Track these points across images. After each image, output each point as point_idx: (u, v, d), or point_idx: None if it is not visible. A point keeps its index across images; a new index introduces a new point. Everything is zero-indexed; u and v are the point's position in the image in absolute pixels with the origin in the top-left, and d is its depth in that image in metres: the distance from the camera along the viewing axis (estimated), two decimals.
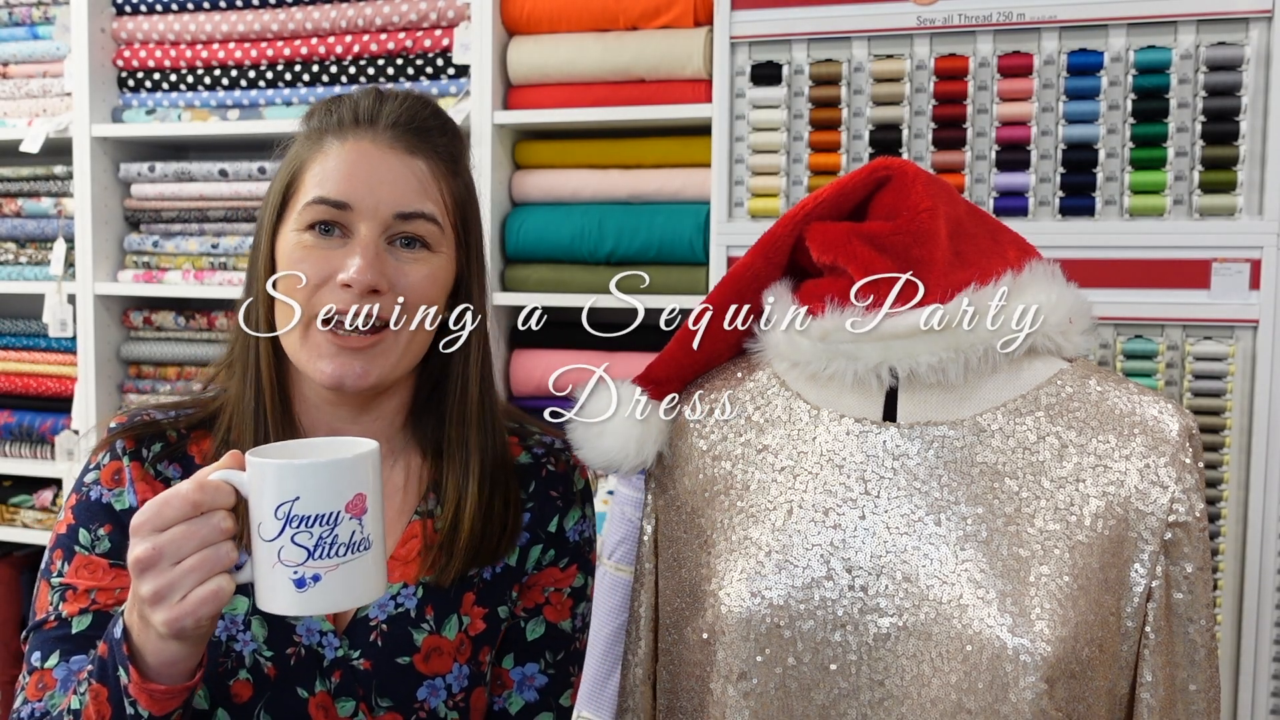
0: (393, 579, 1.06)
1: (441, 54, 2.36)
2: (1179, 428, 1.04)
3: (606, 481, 2.17)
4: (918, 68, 1.98)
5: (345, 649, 1.04)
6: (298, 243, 1.04)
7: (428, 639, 1.05)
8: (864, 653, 1.00)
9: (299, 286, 1.03)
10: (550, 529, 1.14)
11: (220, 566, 0.85)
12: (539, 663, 1.14)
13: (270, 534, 0.85)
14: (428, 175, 1.07)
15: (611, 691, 1.50)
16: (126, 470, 1.07)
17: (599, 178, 2.30)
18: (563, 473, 1.17)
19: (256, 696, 1.02)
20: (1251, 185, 1.84)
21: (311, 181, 1.05)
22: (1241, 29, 1.83)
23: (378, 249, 1.03)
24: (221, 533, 0.85)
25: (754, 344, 1.16)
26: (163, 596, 0.85)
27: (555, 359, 2.34)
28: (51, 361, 2.69)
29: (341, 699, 1.03)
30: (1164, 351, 1.87)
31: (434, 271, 1.07)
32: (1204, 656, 1.04)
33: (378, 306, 1.03)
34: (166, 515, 0.85)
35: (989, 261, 1.08)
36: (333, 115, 1.08)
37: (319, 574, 0.85)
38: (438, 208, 1.07)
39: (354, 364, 1.03)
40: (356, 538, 0.86)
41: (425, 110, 1.10)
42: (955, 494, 1.02)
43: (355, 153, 1.05)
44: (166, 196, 2.59)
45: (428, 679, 1.05)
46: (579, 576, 1.17)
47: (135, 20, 2.57)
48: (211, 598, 0.84)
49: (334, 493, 0.85)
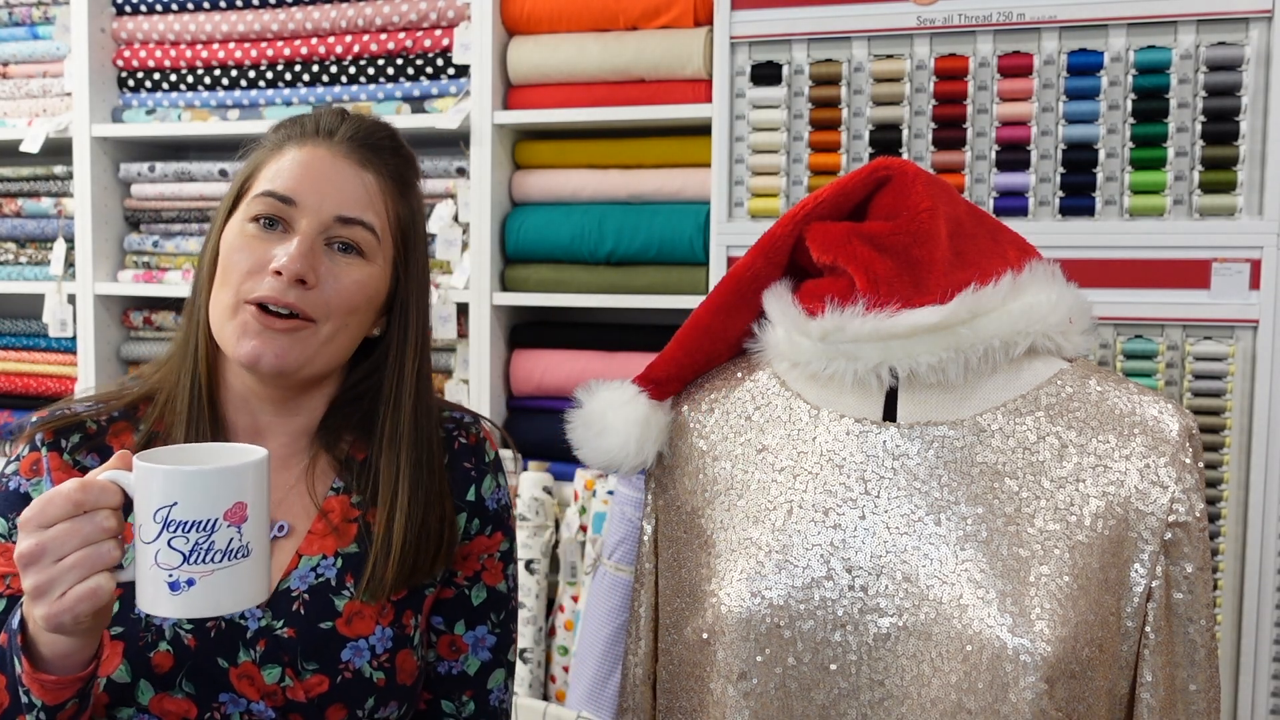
0: (311, 551, 1.11)
1: (441, 54, 2.36)
2: (1179, 428, 1.04)
3: (606, 481, 2.17)
4: (918, 68, 1.98)
5: (268, 619, 1.07)
6: (240, 231, 1.10)
7: (349, 604, 1.09)
8: (864, 653, 1.00)
9: (234, 271, 1.08)
10: (469, 498, 1.18)
11: (100, 565, 0.87)
12: (487, 624, 1.19)
13: (149, 536, 0.87)
14: (375, 189, 1.13)
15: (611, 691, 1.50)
16: (45, 460, 1.10)
17: (599, 178, 2.30)
18: (473, 445, 1.21)
19: (177, 666, 1.05)
20: (1251, 185, 1.84)
21: (264, 178, 1.12)
22: (1241, 29, 1.83)
23: (313, 244, 1.08)
24: (103, 531, 0.87)
25: (754, 344, 1.16)
26: (43, 592, 0.86)
27: (555, 359, 2.34)
28: (51, 361, 2.69)
29: (268, 666, 1.06)
30: (1164, 351, 1.87)
31: (364, 279, 1.11)
32: (1204, 656, 1.04)
33: (303, 298, 1.07)
34: (50, 513, 0.87)
35: (989, 261, 1.08)
36: (297, 126, 1.16)
37: (193, 578, 0.87)
38: (379, 220, 1.12)
39: (274, 344, 1.07)
40: (234, 545, 0.88)
41: (382, 132, 1.17)
42: (955, 494, 1.02)
43: (310, 156, 1.12)
44: (166, 196, 2.59)
45: (351, 641, 1.08)
46: (504, 541, 1.21)
47: (135, 20, 2.57)
48: (89, 595, 0.86)
49: (212, 500, 0.87)
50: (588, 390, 1.19)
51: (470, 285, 2.33)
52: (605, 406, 1.16)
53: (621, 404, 1.16)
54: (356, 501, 1.14)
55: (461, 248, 2.36)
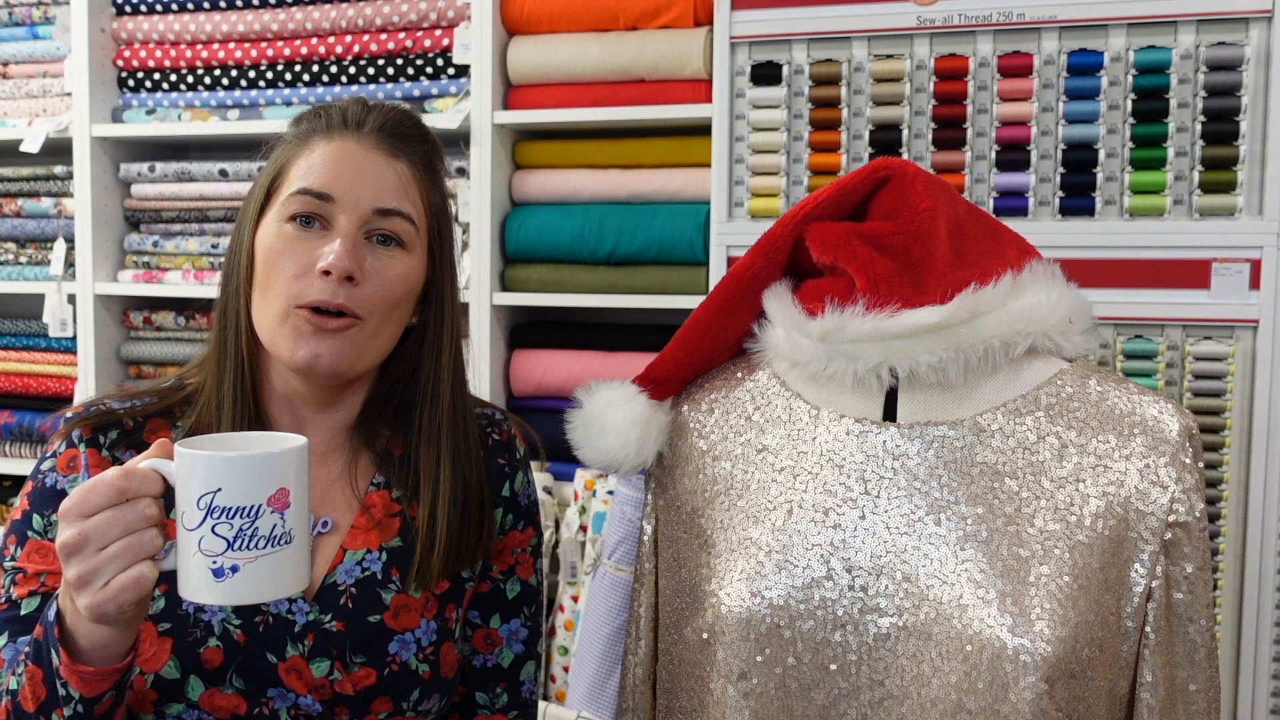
0: (356, 546, 1.11)
1: (441, 54, 2.36)
2: (1179, 428, 1.04)
3: (606, 481, 2.17)
4: (918, 68, 1.98)
5: (316, 613, 1.08)
6: (279, 234, 1.08)
7: (395, 597, 1.10)
8: (864, 653, 1.00)
9: (279, 275, 1.07)
10: (504, 494, 1.19)
11: (143, 553, 0.87)
12: (520, 617, 1.21)
13: (192, 523, 0.87)
14: (408, 177, 1.12)
15: (611, 691, 1.50)
16: (83, 457, 1.10)
17: (599, 178, 2.30)
18: (505, 441, 1.22)
19: (227, 661, 1.05)
20: (1251, 185, 1.84)
21: (296, 175, 1.10)
22: (1241, 29, 1.83)
23: (356, 240, 1.08)
24: (146, 520, 0.87)
25: (754, 344, 1.16)
26: (86, 581, 0.86)
27: (555, 359, 2.34)
28: (51, 361, 2.69)
29: (316, 659, 1.07)
30: (1164, 351, 1.87)
31: (406, 271, 1.11)
32: (1204, 656, 1.04)
33: (351, 297, 1.07)
34: (93, 501, 0.86)
35: (989, 261, 1.08)
36: (320, 119, 1.14)
37: (237, 565, 0.87)
38: (415, 209, 1.12)
39: (325, 346, 1.06)
40: (278, 531, 0.88)
41: (408, 120, 1.16)
42: (955, 494, 1.02)
43: (340, 150, 1.10)
44: (166, 196, 2.59)
45: (398, 634, 1.09)
46: (535, 536, 1.23)
47: (135, 20, 2.57)
48: (133, 584, 0.86)
49: (256, 486, 0.87)
50: (588, 390, 1.19)
51: (470, 285, 2.33)
52: (605, 406, 1.17)
53: (621, 404, 1.16)
54: (397, 496, 1.14)
55: (461, 248, 2.36)
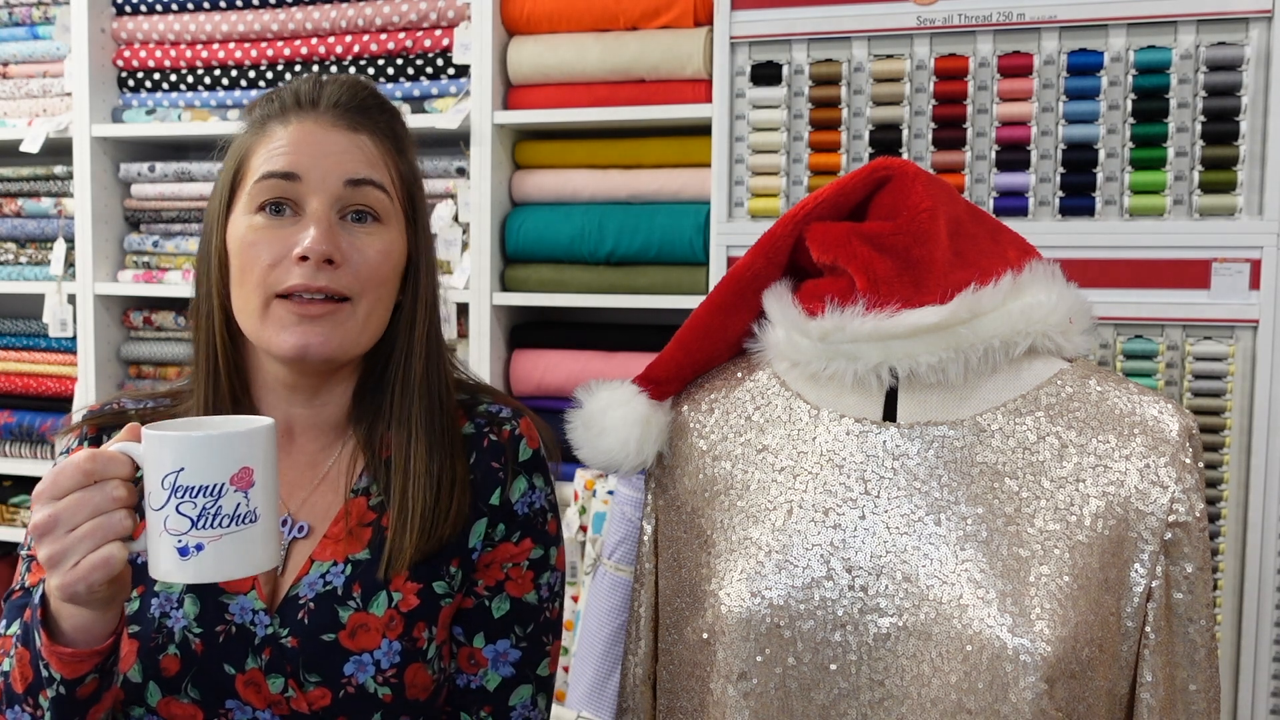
0: (324, 557, 1.08)
1: (441, 54, 2.36)
2: (1179, 428, 1.04)
3: (606, 481, 2.17)
4: (918, 68, 1.98)
5: (275, 627, 1.05)
6: (249, 225, 1.06)
7: (354, 615, 1.05)
8: (864, 653, 1.00)
9: (254, 267, 1.05)
10: (493, 502, 1.12)
11: (112, 534, 0.88)
12: (510, 638, 1.12)
13: (158, 503, 0.88)
14: (373, 149, 1.09)
15: (611, 691, 1.50)
16: None
17: (599, 178, 2.30)
18: (504, 442, 1.14)
19: (183, 670, 1.05)
20: (1251, 185, 1.84)
21: (257, 163, 1.07)
22: (1241, 29, 1.83)
23: (330, 221, 1.05)
24: (114, 501, 0.88)
25: (754, 344, 1.16)
26: (57, 561, 0.88)
27: (555, 359, 2.34)
28: (51, 361, 2.69)
29: (272, 675, 1.05)
30: (1164, 351, 1.87)
31: (387, 247, 1.08)
32: (1204, 656, 1.04)
33: (334, 279, 1.04)
34: (62, 484, 0.88)
35: (989, 261, 1.08)
36: (274, 103, 1.11)
37: (202, 543, 0.88)
38: (386, 179, 1.09)
39: (316, 331, 1.04)
40: (241, 510, 0.89)
41: (364, 91, 1.12)
42: (955, 494, 1.02)
43: (299, 131, 1.07)
44: (166, 196, 2.59)
45: (354, 655, 1.04)
46: (535, 549, 1.14)
47: (135, 20, 2.57)
48: (102, 564, 0.87)
49: (219, 465, 0.88)
50: (587, 390, 1.19)
51: (470, 285, 2.33)
52: (605, 406, 1.16)
53: (621, 404, 1.16)
54: (374, 503, 1.10)
55: (461, 248, 2.36)
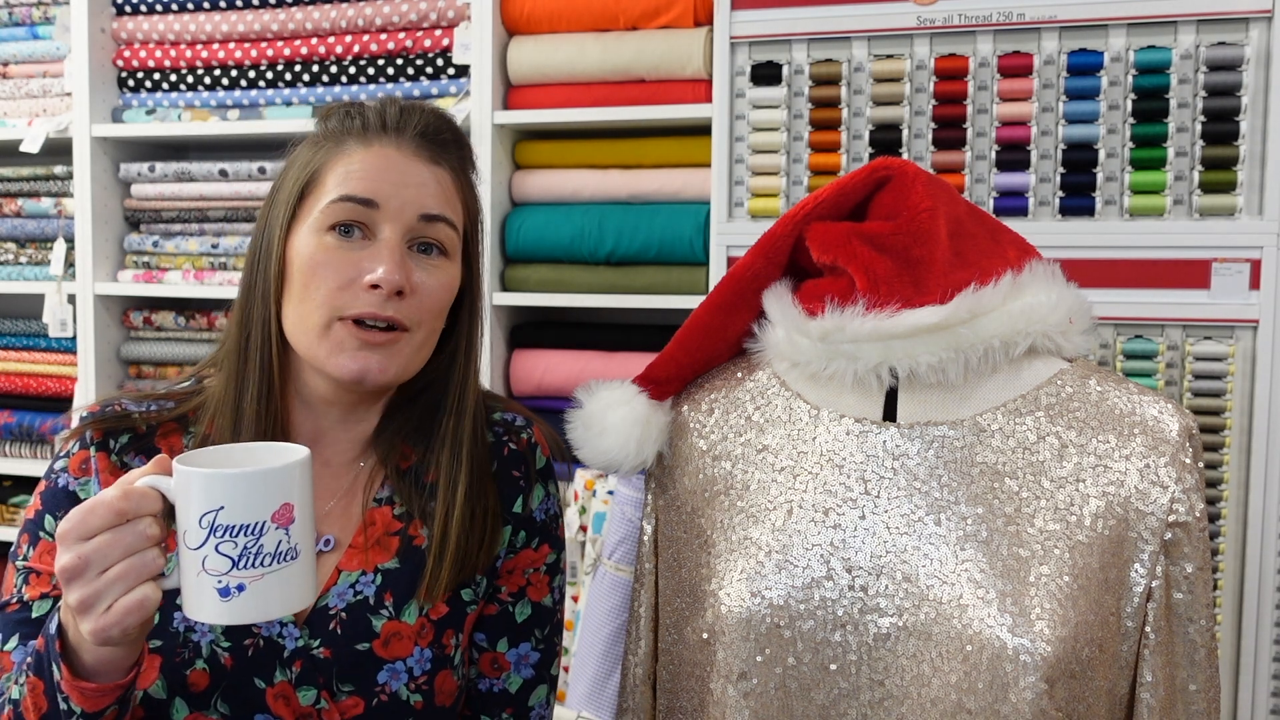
0: (351, 567, 1.08)
1: (441, 54, 2.36)
2: (1179, 428, 1.04)
3: (606, 481, 2.17)
4: (918, 68, 1.98)
5: (305, 639, 1.04)
6: (319, 244, 1.05)
7: (387, 624, 1.06)
8: (864, 653, 1.00)
9: (320, 287, 1.04)
10: (516, 509, 1.15)
11: (146, 574, 0.84)
12: (530, 641, 1.16)
13: (195, 543, 0.84)
14: (450, 184, 1.10)
15: (611, 691, 1.50)
16: (93, 460, 1.08)
17: (599, 178, 2.30)
18: (522, 451, 1.17)
19: (213, 686, 1.03)
20: (1251, 185, 1.84)
21: (334, 181, 1.06)
22: (1241, 29, 1.83)
23: (402, 251, 1.06)
24: (147, 540, 0.85)
25: (754, 344, 1.16)
26: (89, 606, 0.84)
27: (555, 359, 2.34)
28: (51, 361, 2.69)
29: (303, 687, 1.03)
30: (1164, 351, 1.87)
31: (449, 280, 1.10)
32: (1204, 656, 1.04)
33: (400, 309, 1.05)
34: (91, 523, 0.84)
35: (989, 261, 1.08)
36: (355, 120, 1.10)
37: (244, 584, 0.85)
38: (456, 216, 1.10)
39: (376, 359, 1.05)
40: (283, 547, 0.86)
41: (447, 125, 1.13)
42: (955, 494, 1.02)
43: (381, 156, 1.07)
44: (166, 196, 2.59)
45: (388, 663, 1.05)
46: (551, 554, 1.18)
47: (135, 20, 2.57)
48: (137, 607, 0.84)
49: (259, 503, 0.85)
50: (587, 390, 1.19)
51: None
52: (605, 406, 1.16)
53: (621, 404, 1.16)
54: (399, 513, 1.11)
55: None
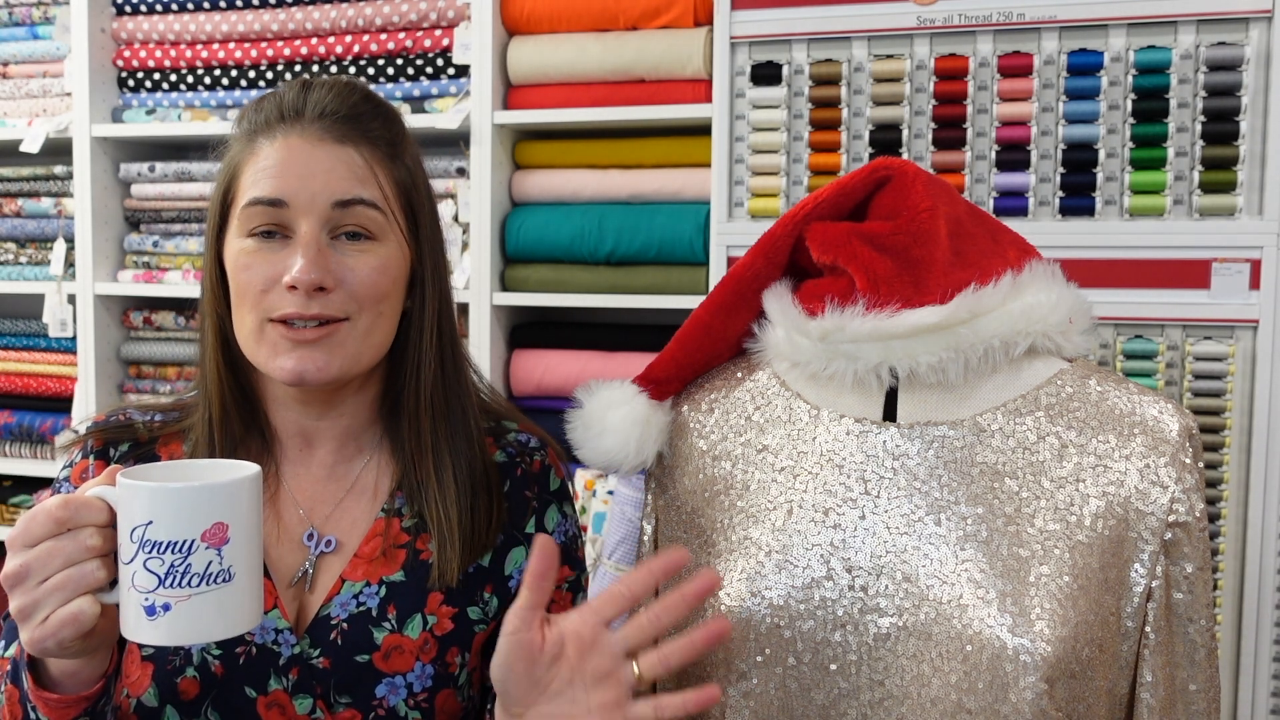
0: (356, 577, 1.06)
1: (441, 54, 2.36)
2: (1179, 428, 1.04)
3: (606, 481, 2.17)
4: (918, 68, 1.98)
5: (304, 647, 1.03)
6: (241, 250, 1.04)
7: (388, 637, 1.04)
8: (864, 653, 1.00)
9: (249, 291, 1.03)
10: (528, 530, 1.13)
11: (83, 587, 0.82)
12: None
13: (126, 557, 0.82)
14: (361, 163, 1.05)
15: None
16: (91, 469, 1.07)
17: (599, 178, 2.30)
18: (536, 472, 1.16)
19: (203, 694, 1.01)
20: (1251, 185, 1.84)
21: (247, 183, 1.04)
22: (1241, 29, 1.83)
23: (319, 245, 1.02)
24: (87, 551, 0.82)
25: (754, 344, 1.16)
26: (27, 615, 0.82)
27: (555, 359, 2.34)
28: (51, 361, 2.69)
29: (299, 696, 1.02)
30: (1164, 351, 1.87)
31: (382, 263, 1.05)
32: (1204, 656, 1.04)
33: (327, 304, 1.02)
34: (34, 531, 0.82)
35: (989, 261, 1.08)
36: (260, 114, 1.07)
37: (169, 603, 0.82)
38: (378, 193, 1.05)
39: (312, 357, 1.02)
40: (213, 569, 0.82)
41: (354, 96, 1.08)
42: (955, 494, 1.02)
43: (284, 149, 1.03)
44: (166, 196, 2.59)
45: (387, 677, 1.03)
46: (572, 574, 1.17)
47: (135, 20, 2.57)
48: (71, 620, 0.81)
49: (188, 520, 0.82)
50: (587, 390, 1.19)
51: (470, 285, 2.33)
52: (605, 406, 1.16)
53: (621, 404, 1.16)
54: (408, 525, 1.09)
55: (461, 248, 2.36)
